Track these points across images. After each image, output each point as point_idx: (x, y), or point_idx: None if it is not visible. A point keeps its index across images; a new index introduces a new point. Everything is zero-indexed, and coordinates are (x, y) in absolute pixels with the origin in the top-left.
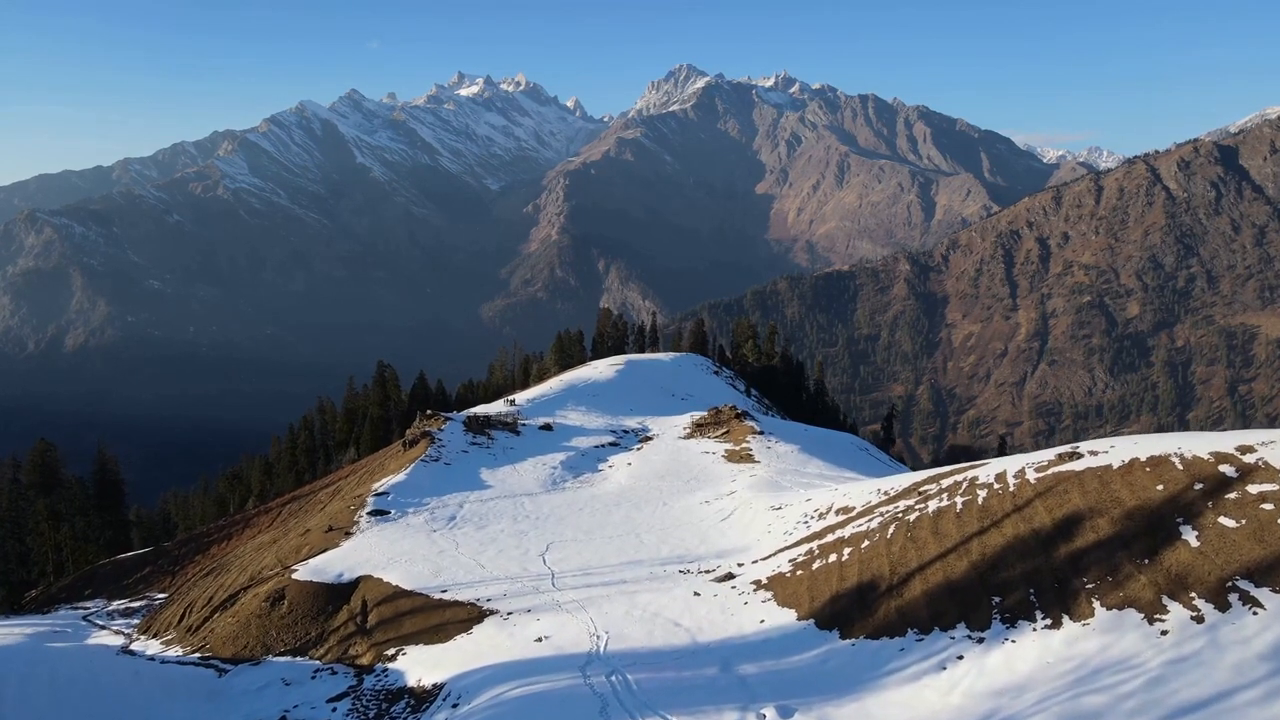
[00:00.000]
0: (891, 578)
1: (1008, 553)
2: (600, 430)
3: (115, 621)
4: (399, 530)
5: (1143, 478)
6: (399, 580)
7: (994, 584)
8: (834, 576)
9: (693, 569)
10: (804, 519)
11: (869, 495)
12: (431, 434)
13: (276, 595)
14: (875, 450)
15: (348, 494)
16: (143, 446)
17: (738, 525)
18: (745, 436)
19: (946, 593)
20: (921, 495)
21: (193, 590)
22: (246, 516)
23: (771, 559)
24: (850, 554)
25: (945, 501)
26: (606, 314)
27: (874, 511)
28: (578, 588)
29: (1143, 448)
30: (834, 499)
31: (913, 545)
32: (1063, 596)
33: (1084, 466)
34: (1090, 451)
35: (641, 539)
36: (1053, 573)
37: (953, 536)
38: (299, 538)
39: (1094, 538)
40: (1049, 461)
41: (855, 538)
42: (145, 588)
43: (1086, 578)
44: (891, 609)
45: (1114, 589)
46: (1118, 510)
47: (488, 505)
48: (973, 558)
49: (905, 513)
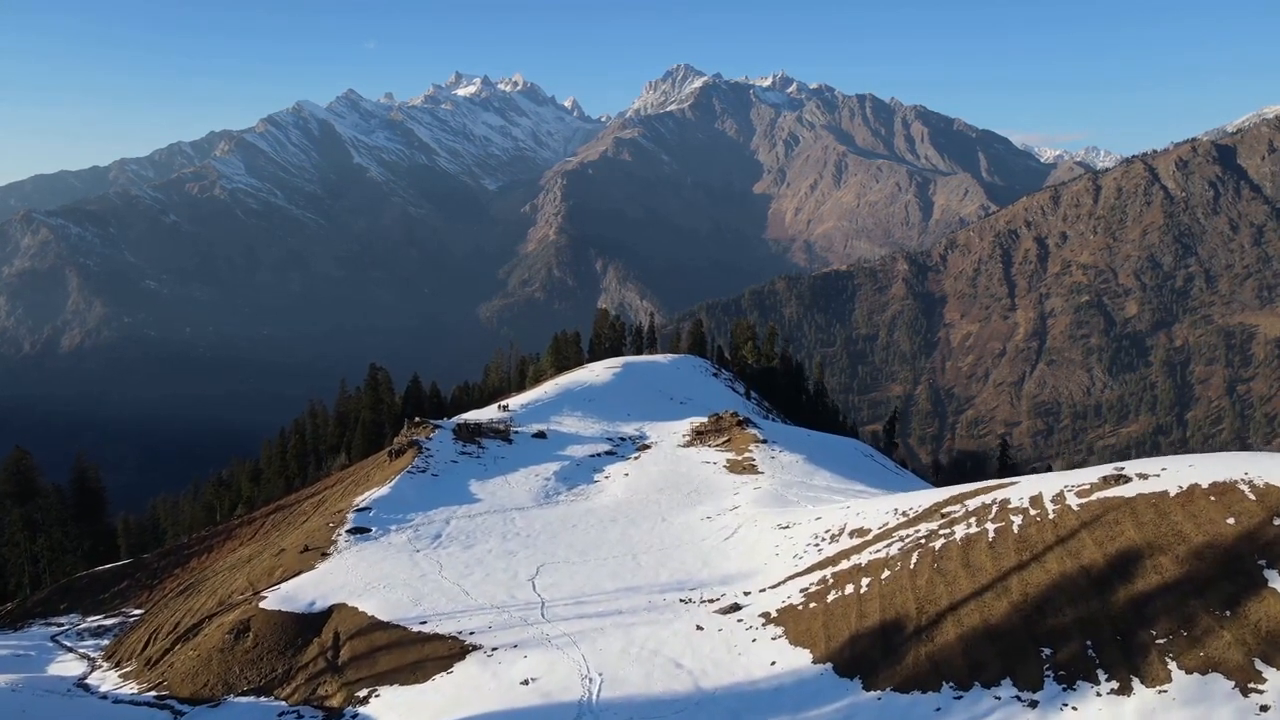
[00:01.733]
0: (919, 617)
1: (1055, 594)
2: (596, 438)
3: (84, 643)
4: (380, 551)
5: (1207, 508)
6: (375, 609)
7: (1042, 632)
8: (852, 612)
9: (694, 598)
10: (815, 540)
11: (885, 516)
12: (419, 443)
13: (241, 627)
14: (880, 456)
15: (329, 508)
16: (140, 448)
17: (742, 546)
18: (748, 445)
19: (985, 639)
20: (945, 518)
21: (162, 612)
22: (229, 527)
23: (781, 587)
24: (870, 585)
25: (974, 528)
26: (604, 315)
27: (892, 535)
28: (569, 619)
29: (1201, 471)
30: (847, 519)
31: (941, 579)
32: (1129, 653)
33: (1134, 492)
34: (1139, 474)
35: (639, 561)
36: (1112, 622)
37: (987, 570)
38: (273, 558)
39: (1158, 580)
40: (1091, 484)
41: (874, 566)
42: (122, 603)
43: (1155, 630)
44: (921, 656)
45: (1192, 647)
46: (1183, 547)
47: (476, 521)
48: (1013, 597)
49: (929, 539)
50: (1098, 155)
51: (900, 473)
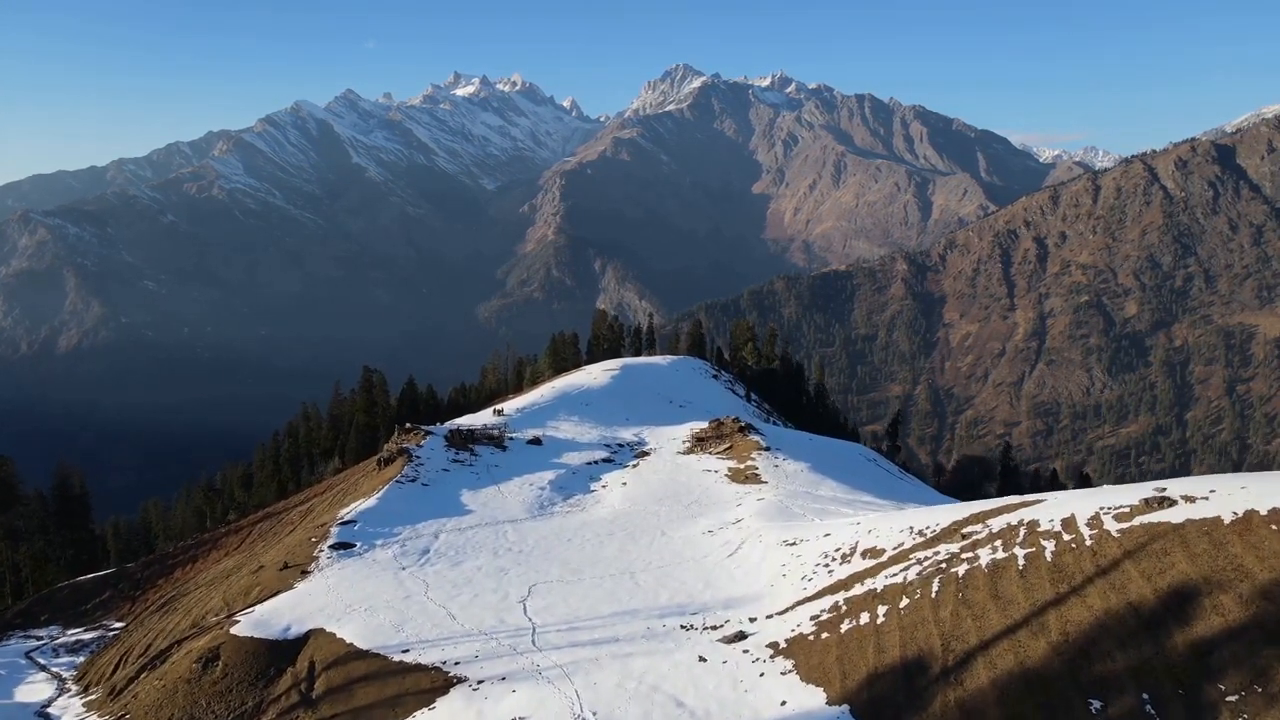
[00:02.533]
0: (945, 656)
1: (1101, 634)
2: (593, 444)
3: (59, 659)
4: (363, 568)
5: (1270, 539)
6: (355, 636)
7: (1089, 680)
8: (869, 645)
9: (696, 623)
10: (824, 560)
11: (900, 535)
12: (409, 451)
13: (210, 655)
14: (884, 462)
15: (314, 520)
16: (138, 449)
17: (746, 564)
18: (750, 453)
19: (1023, 685)
20: (967, 540)
21: (136, 631)
22: (215, 536)
23: (789, 614)
24: (887, 615)
25: (1001, 553)
26: (602, 316)
27: (909, 557)
28: (562, 647)
29: (1256, 494)
30: (858, 537)
31: (968, 611)
32: (1196, 712)
33: (1183, 518)
34: (1184, 496)
35: (637, 580)
36: (1171, 673)
37: (1020, 604)
38: (251, 576)
39: (1221, 624)
40: (1132, 507)
41: (890, 592)
42: (103, 614)
43: (1224, 685)
44: (950, 702)
45: (1270, 707)
46: (1246, 585)
47: (466, 535)
48: (1052, 637)
49: (950, 563)
50: (1096, 155)
51: (905, 478)
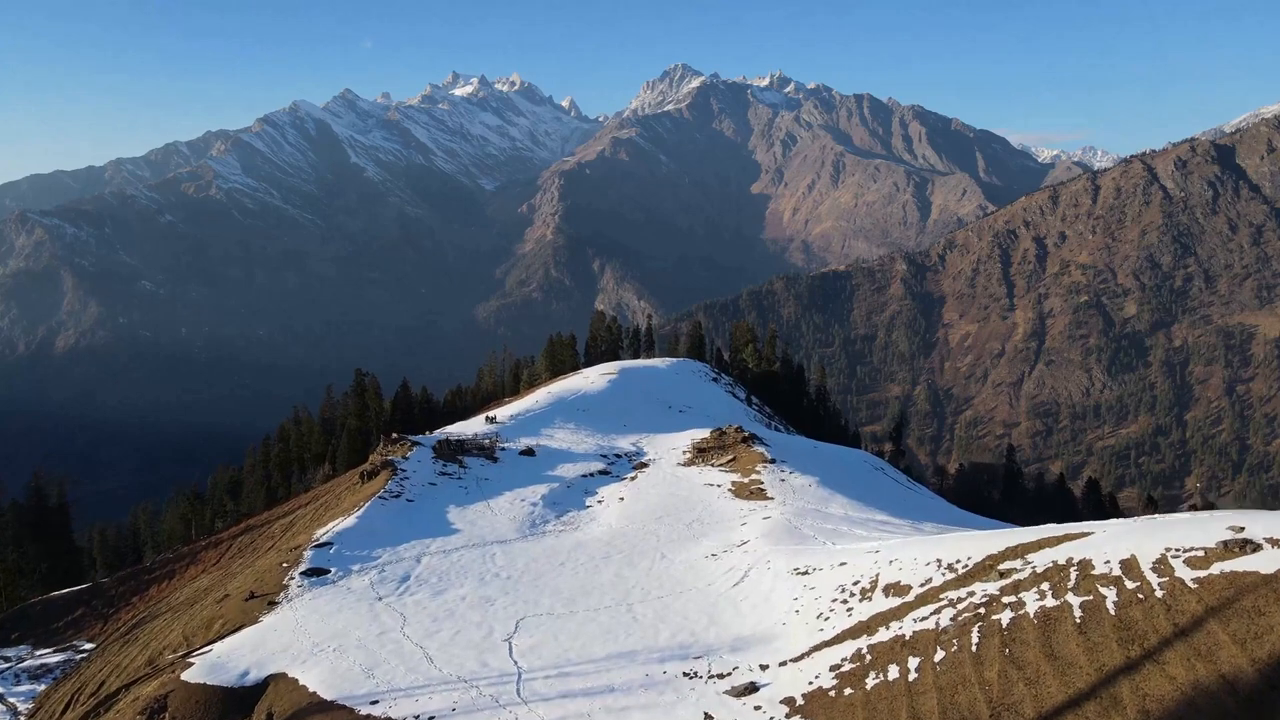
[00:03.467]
0: None
1: (1189, 713)
2: (589, 454)
3: (20, 687)
4: (336, 599)
5: None
6: (319, 683)
7: None
8: (902, 709)
9: (701, 670)
10: (841, 595)
11: (928, 569)
12: (394, 464)
13: (156, 706)
14: (892, 470)
15: (289, 541)
16: (135, 450)
17: (754, 596)
18: (754, 465)
19: None
20: (1006, 578)
21: (94, 663)
22: (194, 550)
23: (806, 661)
24: (920, 669)
25: (1051, 599)
26: (600, 317)
27: (939, 597)
28: (550, 698)
29: None
30: (879, 568)
31: (1019, 674)
32: None
33: (1274, 568)
34: (1269, 540)
35: (635, 614)
36: None
37: (1083, 668)
38: (215, 606)
39: None
40: (1207, 550)
41: (921, 640)
42: (74, 634)
43: None
44: None
45: None
46: None
47: (451, 558)
48: (1129, 715)
49: (989, 608)
50: (1095, 155)
51: (913, 487)
